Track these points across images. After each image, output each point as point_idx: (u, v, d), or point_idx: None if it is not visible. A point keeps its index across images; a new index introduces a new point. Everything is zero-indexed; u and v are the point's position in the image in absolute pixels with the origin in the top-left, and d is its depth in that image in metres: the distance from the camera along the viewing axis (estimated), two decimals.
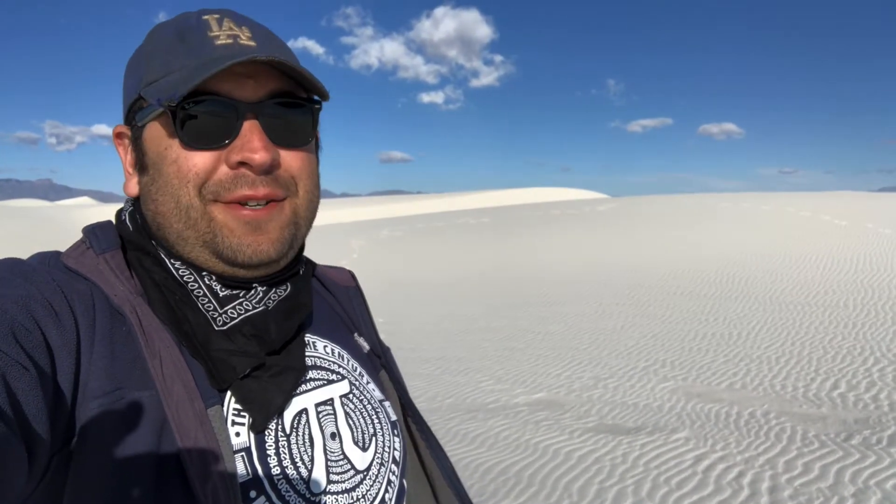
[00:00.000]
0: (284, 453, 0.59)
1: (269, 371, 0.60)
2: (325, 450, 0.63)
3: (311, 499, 0.59)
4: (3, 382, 0.44)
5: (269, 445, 0.59)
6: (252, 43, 0.60)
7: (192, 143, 0.58)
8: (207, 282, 0.61)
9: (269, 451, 0.58)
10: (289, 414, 0.62)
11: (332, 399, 0.66)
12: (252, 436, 0.58)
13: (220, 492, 0.52)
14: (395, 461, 0.70)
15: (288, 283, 0.67)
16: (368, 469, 0.65)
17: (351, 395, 0.69)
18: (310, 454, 0.61)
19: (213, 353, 0.58)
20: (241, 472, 0.55)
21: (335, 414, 0.66)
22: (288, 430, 0.61)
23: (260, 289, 0.64)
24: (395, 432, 0.72)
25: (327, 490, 0.61)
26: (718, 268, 11.85)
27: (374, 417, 0.70)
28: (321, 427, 0.64)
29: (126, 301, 0.58)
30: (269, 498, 0.56)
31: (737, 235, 15.80)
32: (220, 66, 0.54)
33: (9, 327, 0.48)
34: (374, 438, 0.68)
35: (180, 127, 0.57)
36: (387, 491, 0.67)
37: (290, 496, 0.58)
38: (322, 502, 0.60)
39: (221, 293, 0.62)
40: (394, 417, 0.74)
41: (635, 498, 3.47)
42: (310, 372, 0.66)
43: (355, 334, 0.78)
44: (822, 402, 4.85)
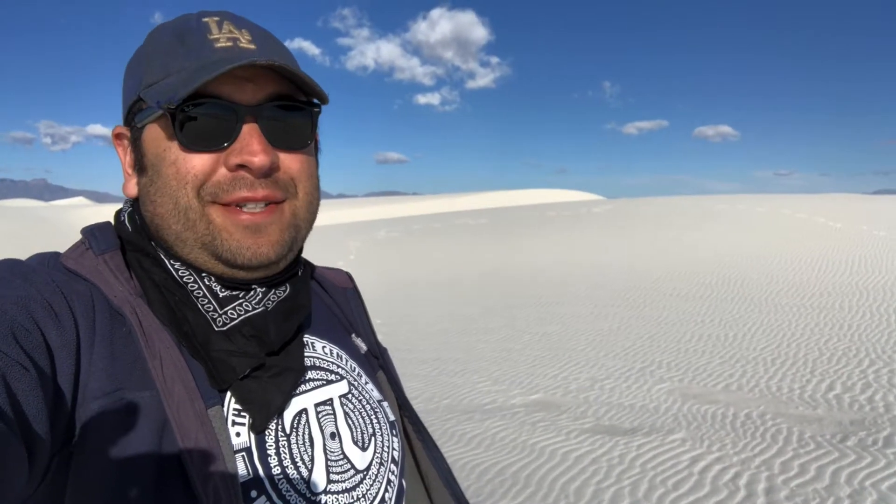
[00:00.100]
0: (285, 453, 0.59)
1: (268, 371, 0.60)
2: (324, 449, 0.63)
3: (312, 498, 0.59)
4: (4, 383, 0.44)
5: (270, 445, 0.59)
6: (252, 46, 0.60)
7: (191, 146, 0.58)
8: (207, 282, 0.62)
9: (269, 451, 0.59)
10: (289, 414, 0.62)
11: (331, 399, 0.67)
12: (252, 436, 0.58)
13: (221, 492, 0.52)
14: (393, 461, 0.70)
15: (287, 285, 0.67)
16: (368, 469, 0.66)
17: (350, 396, 0.69)
18: (310, 454, 0.61)
19: (213, 354, 0.58)
20: (242, 472, 0.56)
21: (335, 414, 0.66)
22: (288, 430, 0.61)
23: (259, 290, 0.64)
24: (394, 432, 0.73)
25: (327, 490, 0.61)
26: (714, 269, 11.89)
27: (372, 417, 0.70)
28: (321, 427, 0.64)
29: (126, 302, 0.58)
30: (269, 498, 0.57)
31: (732, 237, 15.84)
32: (221, 69, 0.55)
33: (9, 328, 0.48)
34: (373, 438, 0.68)
35: (179, 129, 0.57)
36: (386, 490, 0.67)
37: (290, 496, 0.58)
38: (322, 502, 0.60)
39: (221, 294, 0.62)
40: (392, 417, 0.74)
41: (632, 499, 3.47)
42: (309, 372, 0.66)
43: (353, 335, 0.79)
44: (818, 403, 4.87)
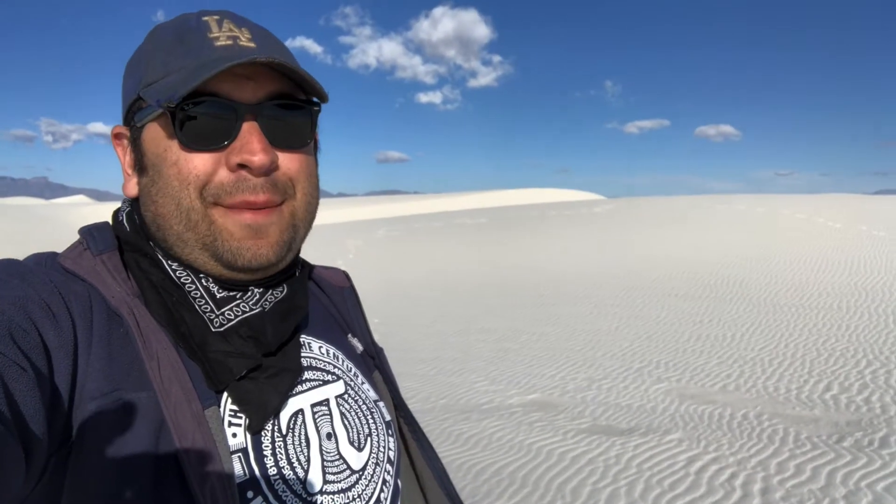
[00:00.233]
0: (281, 453, 0.60)
1: (265, 372, 0.61)
2: (321, 450, 0.63)
3: (308, 499, 0.60)
4: (1, 383, 0.44)
5: (266, 446, 0.59)
6: (252, 44, 0.60)
7: (191, 145, 0.58)
8: (204, 283, 0.62)
9: (265, 452, 0.59)
10: (285, 414, 0.62)
11: (327, 399, 0.67)
12: (249, 436, 0.58)
13: (218, 492, 0.52)
14: (389, 461, 0.70)
15: (284, 285, 0.67)
16: (364, 469, 0.66)
17: (346, 396, 0.69)
18: (306, 454, 0.62)
19: (210, 355, 0.58)
20: (238, 473, 0.56)
21: (331, 414, 0.66)
22: (284, 431, 0.61)
23: (256, 290, 0.64)
24: (390, 432, 0.73)
25: (323, 490, 0.61)
26: (713, 270, 11.90)
27: (368, 417, 0.70)
28: (317, 427, 0.64)
29: (123, 303, 0.58)
30: (265, 498, 0.57)
31: (732, 237, 15.85)
32: (220, 67, 0.54)
33: (6, 328, 0.48)
34: (369, 438, 0.68)
35: (179, 128, 0.57)
36: (382, 490, 0.67)
37: (286, 496, 0.58)
38: (318, 502, 0.60)
39: (218, 295, 0.62)
40: (388, 417, 0.74)
41: (628, 499, 3.48)
42: (305, 373, 0.66)
43: (349, 335, 0.79)
44: (815, 404, 4.88)
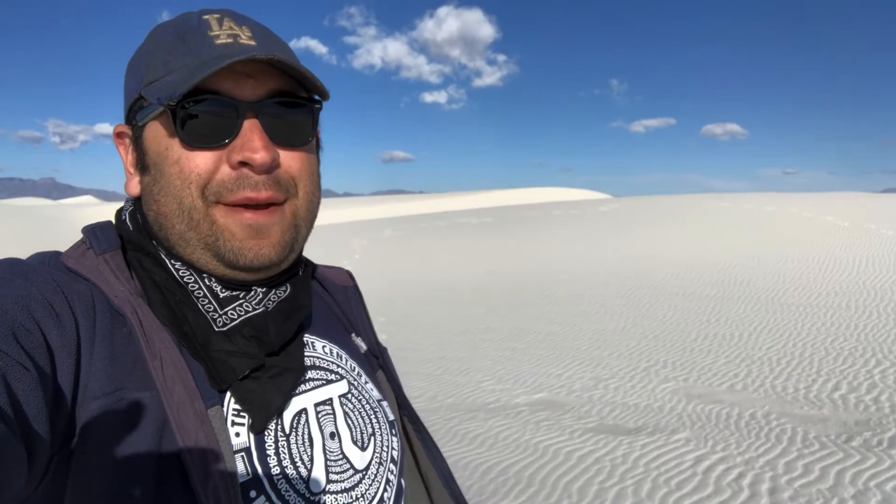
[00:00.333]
0: (284, 453, 0.59)
1: (268, 372, 0.60)
2: (324, 449, 0.63)
3: (311, 498, 0.59)
4: (4, 382, 0.44)
5: (269, 445, 0.59)
6: (252, 42, 0.60)
7: (192, 143, 0.58)
8: (207, 283, 0.62)
9: (268, 451, 0.59)
10: (288, 414, 0.62)
11: (330, 399, 0.67)
12: (252, 436, 0.58)
13: (221, 492, 0.52)
14: (393, 460, 0.70)
15: (287, 285, 0.67)
16: (367, 468, 0.66)
17: (349, 395, 0.69)
18: (309, 454, 0.61)
19: (213, 354, 0.58)
20: (242, 472, 0.56)
21: (334, 414, 0.66)
22: (287, 430, 0.61)
23: (259, 290, 0.64)
24: (393, 432, 0.73)
25: (327, 489, 0.61)
26: (720, 268, 11.84)
27: (372, 417, 0.70)
28: (320, 427, 0.64)
29: (126, 302, 0.58)
30: (268, 498, 0.57)
31: (739, 236, 15.77)
32: (220, 64, 0.54)
33: (9, 327, 0.48)
34: (372, 438, 0.68)
35: (180, 126, 0.57)
36: (385, 490, 0.67)
37: (289, 496, 0.58)
38: (321, 501, 0.60)
39: (221, 294, 0.62)
40: (391, 417, 0.74)
41: (635, 498, 3.47)
42: (309, 372, 0.66)
43: (353, 334, 0.79)
44: (823, 403, 4.84)
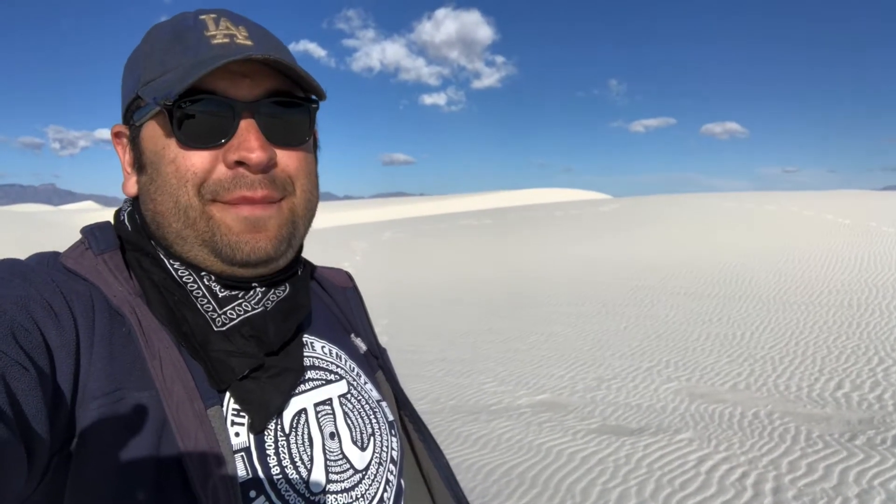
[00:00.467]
0: (284, 453, 0.59)
1: (267, 372, 0.60)
2: (324, 449, 0.63)
3: (311, 498, 0.59)
4: (3, 383, 0.44)
5: (269, 445, 0.59)
6: (249, 42, 0.60)
7: (188, 143, 0.58)
8: (206, 282, 0.62)
9: (268, 452, 0.58)
10: (288, 414, 0.62)
11: (330, 399, 0.67)
12: (251, 436, 0.58)
13: (220, 492, 0.52)
14: (392, 460, 0.70)
15: (287, 284, 0.67)
16: (367, 468, 0.66)
17: (349, 395, 0.69)
18: (309, 454, 0.61)
19: (213, 354, 0.58)
20: (241, 473, 0.56)
21: (334, 414, 0.66)
22: (287, 430, 0.61)
23: (259, 289, 0.64)
24: (393, 432, 0.73)
25: (326, 489, 0.61)
26: (721, 268, 11.83)
27: (372, 417, 0.70)
28: (320, 427, 0.64)
29: (125, 302, 0.58)
30: (268, 498, 0.56)
31: (740, 235, 15.76)
32: (216, 63, 0.55)
33: (8, 328, 0.48)
34: (372, 438, 0.68)
35: (177, 126, 0.57)
36: (385, 490, 0.67)
37: (289, 496, 0.58)
38: (321, 501, 0.60)
39: (221, 294, 0.62)
40: (391, 417, 0.74)
41: (638, 499, 3.46)
42: (308, 372, 0.66)
43: (352, 335, 0.79)
44: (826, 402, 4.83)
